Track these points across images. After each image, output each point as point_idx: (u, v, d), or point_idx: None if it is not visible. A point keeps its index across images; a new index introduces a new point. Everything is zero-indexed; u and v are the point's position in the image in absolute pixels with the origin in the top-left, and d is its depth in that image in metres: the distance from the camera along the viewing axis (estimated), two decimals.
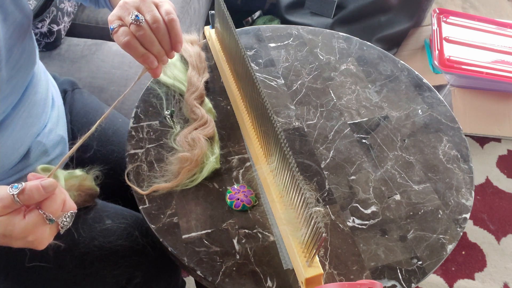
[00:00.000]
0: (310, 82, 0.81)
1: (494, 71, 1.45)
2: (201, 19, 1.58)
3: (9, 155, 0.61)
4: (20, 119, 0.61)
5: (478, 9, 2.06)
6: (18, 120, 0.61)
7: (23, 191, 0.43)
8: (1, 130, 0.58)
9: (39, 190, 0.44)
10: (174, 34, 0.56)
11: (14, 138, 0.60)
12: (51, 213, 0.45)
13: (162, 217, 0.61)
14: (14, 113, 0.60)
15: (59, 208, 0.46)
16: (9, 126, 0.60)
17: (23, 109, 0.62)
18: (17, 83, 0.61)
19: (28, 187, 0.44)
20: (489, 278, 1.32)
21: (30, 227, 0.44)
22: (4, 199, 0.43)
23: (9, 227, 0.43)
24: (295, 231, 0.55)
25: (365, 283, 0.52)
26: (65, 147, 0.73)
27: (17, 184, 0.44)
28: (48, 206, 0.45)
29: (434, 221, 0.64)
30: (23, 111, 0.62)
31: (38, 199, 0.44)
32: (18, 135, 0.61)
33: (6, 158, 0.61)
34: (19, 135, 0.61)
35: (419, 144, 0.73)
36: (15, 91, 0.60)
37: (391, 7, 1.57)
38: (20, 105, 0.61)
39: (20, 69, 0.60)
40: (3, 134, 0.58)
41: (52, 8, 1.09)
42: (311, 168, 0.68)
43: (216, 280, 0.56)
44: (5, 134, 0.59)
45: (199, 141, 0.66)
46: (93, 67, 1.12)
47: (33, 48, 0.64)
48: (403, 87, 0.82)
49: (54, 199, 0.46)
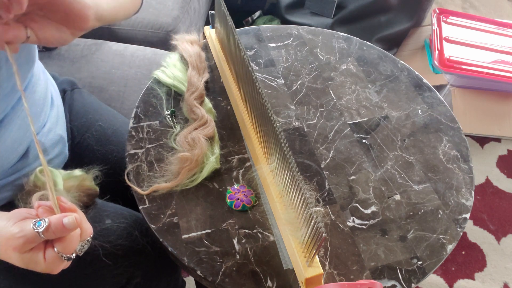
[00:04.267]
0: (310, 82, 0.81)
1: (494, 71, 1.45)
2: (201, 19, 1.58)
3: (8, 154, 0.61)
4: (19, 118, 0.61)
5: (478, 9, 2.06)
6: (17, 119, 0.61)
7: (48, 228, 0.44)
8: (1, 129, 0.58)
9: (62, 228, 0.45)
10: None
11: (13, 137, 0.60)
12: (69, 253, 0.47)
13: (162, 217, 0.61)
14: (13, 112, 0.60)
15: (76, 245, 0.48)
16: (8, 125, 0.59)
17: (22, 108, 0.62)
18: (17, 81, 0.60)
19: (53, 225, 0.45)
20: (489, 278, 1.32)
21: (51, 267, 0.46)
22: (29, 236, 0.44)
23: (31, 264, 0.46)
24: (295, 231, 0.55)
25: (365, 283, 0.52)
26: (64, 146, 0.73)
27: (41, 221, 0.45)
28: (66, 248, 0.47)
29: (434, 221, 0.64)
30: (22, 110, 0.62)
31: (61, 235, 0.46)
32: (17, 134, 0.61)
33: (5, 157, 0.61)
34: (18, 134, 0.61)
35: (419, 144, 0.73)
36: (14, 89, 0.60)
37: (391, 7, 1.57)
38: (19, 104, 0.61)
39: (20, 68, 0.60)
40: (2, 134, 0.58)
41: None
42: (311, 168, 0.68)
43: (216, 280, 0.56)
44: (5, 134, 0.59)
45: (199, 141, 0.66)
46: (93, 67, 1.12)
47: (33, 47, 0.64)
48: (403, 87, 0.82)
49: (71, 240, 0.47)
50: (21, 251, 0.45)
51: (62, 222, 0.45)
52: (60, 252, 0.46)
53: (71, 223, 0.46)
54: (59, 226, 0.45)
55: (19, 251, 0.45)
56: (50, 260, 0.46)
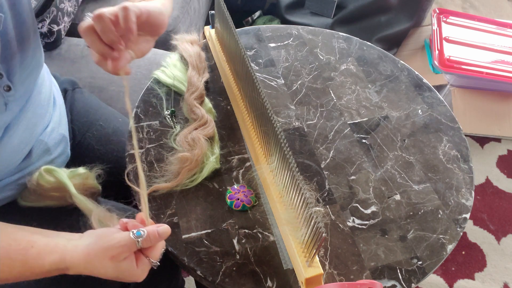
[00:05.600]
0: (310, 82, 0.81)
1: (494, 71, 1.45)
2: (201, 19, 1.57)
3: (15, 155, 0.61)
4: (25, 119, 0.62)
5: (478, 9, 2.06)
6: (24, 120, 0.62)
7: (147, 237, 0.50)
8: (9, 131, 0.59)
9: (157, 237, 0.51)
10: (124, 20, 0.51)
11: (20, 138, 0.61)
12: (157, 259, 0.52)
13: (162, 217, 0.61)
14: (21, 114, 0.61)
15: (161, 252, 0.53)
16: (16, 127, 0.60)
17: (28, 110, 0.63)
18: (29, 85, 0.62)
19: (151, 234, 0.50)
20: (489, 278, 1.32)
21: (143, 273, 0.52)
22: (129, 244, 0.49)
23: (126, 272, 0.50)
24: (295, 231, 0.55)
25: (365, 283, 0.52)
26: (66, 145, 0.74)
27: (140, 231, 0.50)
28: (155, 255, 0.52)
29: (434, 221, 0.64)
30: (28, 111, 0.62)
31: (154, 244, 0.51)
32: (23, 135, 0.62)
33: (12, 157, 0.61)
34: (24, 135, 0.62)
35: (419, 144, 0.73)
36: (26, 92, 0.61)
37: (391, 7, 1.57)
38: (27, 106, 0.62)
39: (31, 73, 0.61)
40: (10, 135, 0.59)
41: (52, 8, 1.09)
42: (311, 168, 0.68)
43: (216, 280, 0.56)
44: (12, 135, 0.59)
45: (199, 141, 0.66)
46: (93, 67, 1.12)
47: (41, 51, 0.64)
48: (403, 87, 0.82)
49: (158, 248, 0.53)
50: (119, 259, 0.49)
51: (157, 232, 0.51)
52: (150, 259, 0.52)
53: (165, 232, 0.52)
54: (155, 235, 0.50)
55: (116, 260, 0.49)
56: (143, 266, 0.51)
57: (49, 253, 0.50)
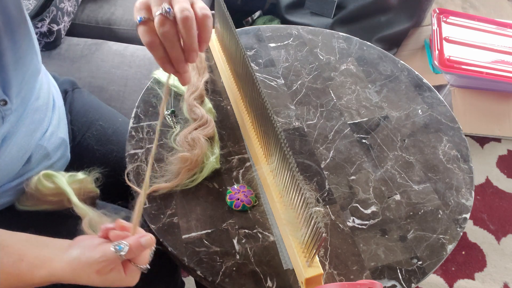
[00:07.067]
0: (310, 82, 0.81)
1: (494, 71, 1.45)
2: None
3: (14, 161, 0.61)
4: (23, 126, 0.61)
5: (478, 9, 2.06)
6: (23, 127, 0.61)
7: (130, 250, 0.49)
8: (7, 140, 0.59)
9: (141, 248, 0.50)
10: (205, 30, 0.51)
11: (19, 146, 0.61)
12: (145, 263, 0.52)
13: (162, 217, 0.61)
14: (19, 122, 0.61)
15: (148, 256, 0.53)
16: (14, 135, 0.60)
17: (27, 117, 0.62)
18: (26, 95, 0.61)
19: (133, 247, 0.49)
20: (489, 278, 1.32)
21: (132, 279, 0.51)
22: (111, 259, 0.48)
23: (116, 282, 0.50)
24: (295, 231, 0.55)
25: (365, 283, 0.52)
26: (66, 149, 0.73)
27: (121, 245, 0.49)
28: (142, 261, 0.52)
29: (434, 221, 0.64)
30: (26, 118, 0.62)
31: (139, 254, 0.51)
32: (22, 142, 0.61)
33: (11, 166, 0.61)
34: (23, 142, 0.62)
35: (419, 144, 0.73)
36: (24, 102, 0.61)
37: (391, 7, 1.57)
38: (25, 114, 0.62)
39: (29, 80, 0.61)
40: (9, 144, 0.59)
41: (52, 7, 1.08)
42: (311, 168, 0.68)
43: (216, 280, 0.56)
44: (11, 144, 0.59)
45: (199, 141, 0.66)
46: (93, 67, 1.12)
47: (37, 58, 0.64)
48: (403, 87, 0.82)
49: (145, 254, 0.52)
50: (104, 272, 0.48)
51: (140, 243, 0.49)
52: (138, 265, 0.51)
53: (148, 243, 0.50)
54: (138, 247, 0.49)
55: (102, 273, 0.48)
56: (132, 273, 0.51)
57: (38, 267, 0.49)
